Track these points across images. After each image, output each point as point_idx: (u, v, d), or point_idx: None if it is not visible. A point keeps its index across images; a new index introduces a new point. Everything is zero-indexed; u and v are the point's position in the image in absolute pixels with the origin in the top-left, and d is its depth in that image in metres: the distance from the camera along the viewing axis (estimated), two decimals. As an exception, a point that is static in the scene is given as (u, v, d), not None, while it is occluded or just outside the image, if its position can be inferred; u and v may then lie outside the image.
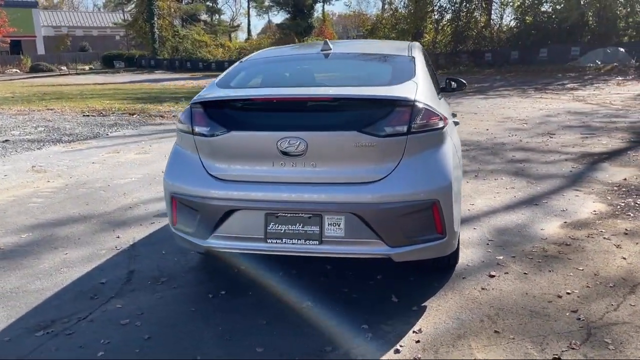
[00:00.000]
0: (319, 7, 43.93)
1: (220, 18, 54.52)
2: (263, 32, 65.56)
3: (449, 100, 6.48)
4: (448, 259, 3.45)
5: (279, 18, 69.01)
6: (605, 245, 4.00)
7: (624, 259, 3.75)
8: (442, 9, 31.77)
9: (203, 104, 3.19)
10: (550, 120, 10.35)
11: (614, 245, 3.99)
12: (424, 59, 3.89)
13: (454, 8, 31.31)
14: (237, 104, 3.20)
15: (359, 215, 2.93)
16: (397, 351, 2.72)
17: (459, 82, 5.05)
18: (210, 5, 51.26)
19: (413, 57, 3.69)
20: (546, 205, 5.03)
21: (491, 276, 3.54)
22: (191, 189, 3.17)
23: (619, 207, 4.86)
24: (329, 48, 3.84)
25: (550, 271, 3.59)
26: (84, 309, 3.25)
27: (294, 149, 2.96)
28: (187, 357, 2.73)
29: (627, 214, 4.66)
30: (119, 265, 3.91)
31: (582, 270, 3.58)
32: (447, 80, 5.05)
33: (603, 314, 3.00)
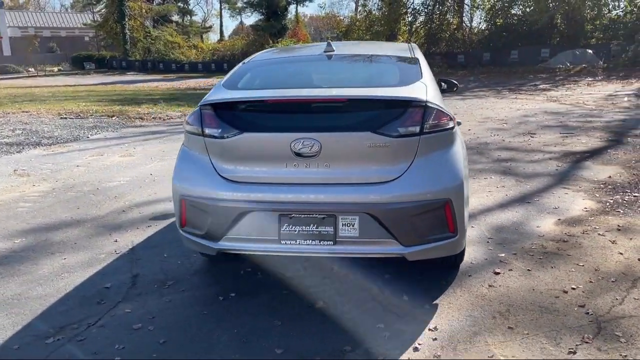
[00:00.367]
0: (292, 9, 43.91)
1: (192, 19, 53.96)
2: (235, 34, 65.17)
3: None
4: (455, 257, 3.50)
5: (252, 19, 68.82)
6: (601, 241, 4.12)
7: (621, 254, 3.86)
8: (416, 11, 32.11)
9: (214, 106, 3.17)
10: (529, 120, 10.57)
11: (610, 241, 4.11)
12: (425, 60, 3.94)
13: (427, 10, 31.69)
14: (250, 106, 3.19)
15: (374, 215, 2.95)
16: (416, 349, 2.75)
17: (450, 83, 5.04)
18: (182, 6, 50.71)
19: (416, 58, 3.74)
20: (538, 203, 5.14)
21: (496, 273, 3.60)
22: (202, 191, 3.15)
23: (608, 204, 5.00)
24: (332, 49, 3.86)
25: (553, 267, 3.67)
26: (92, 315, 3.20)
27: (308, 150, 2.96)
28: (206, 361, 2.72)
29: (617, 211, 4.80)
30: (121, 270, 3.85)
31: (583, 266, 3.68)
32: (438, 81, 5.09)
33: (610, 308, 3.09)
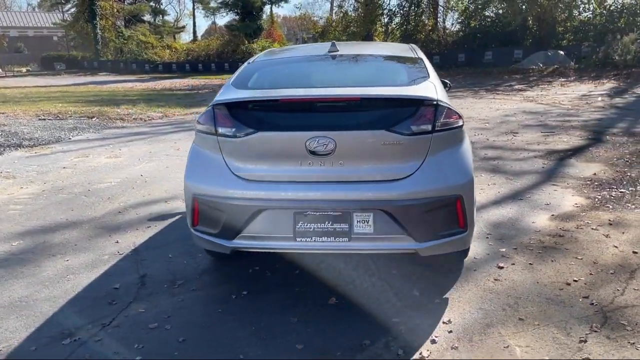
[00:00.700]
0: (267, 9, 43.84)
1: (164, 19, 53.38)
2: (207, 34, 64.68)
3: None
4: (461, 252, 3.59)
5: (226, 19, 68.33)
6: (595, 235, 4.26)
7: (616, 247, 4.00)
8: (392, 12, 32.43)
9: (228, 105, 3.19)
10: (510, 120, 10.80)
11: (603, 235, 4.26)
12: (428, 60, 4.03)
13: (403, 12, 32.02)
14: (265, 105, 3.21)
15: (388, 211, 3.02)
16: (434, 341, 2.82)
17: (443, 83, 5.15)
18: (155, 5, 50.14)
19: (421, 59, 3.82)
20: (530, 199, 5.28)
21: (500, 267, 3.70)
22: (216, 190, 3.17)
23: (597, 200, 5.17)
24: (337, 49, 3.92)
25: (553, 261, 3.79)
26: (105, 315, 3.18)
27: (323, 148, 3.01)
28: (227, 358, 2.74)
29: (607, 206, 4.97)
30: (127, 271, 3.84)
31: (581, 259, 3.81)
32: None
33: (612, 299, 3.22)
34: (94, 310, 3.26)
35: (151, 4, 49.49)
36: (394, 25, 32.59)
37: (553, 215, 4.78)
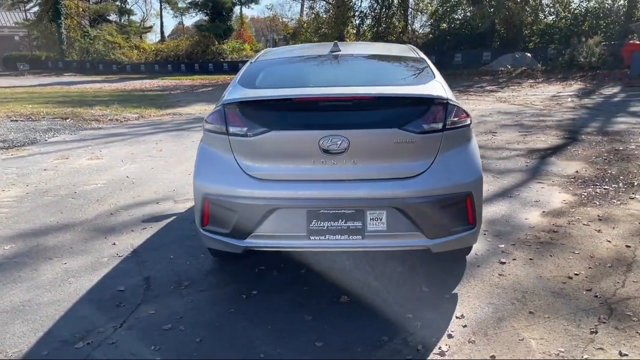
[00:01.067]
0: (237, 10, 43.56)
1: (131, 19, 52.43)
2: (174, 34, 63.82)
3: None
4: (464, 249, 3.65)
5: (194, 19, 67.58)
6: (588, 230, 4.39)
7: (609, 241, 4.14)
8: (363, 14, 32.66)
9: (239, 104, 3.17)
10: (487, 120, 11.01)
11: (595, 230, 4.39)
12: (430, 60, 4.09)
13: (374, 14, 32.28)
14: (277, 104, 3.21)
15: (401, 209, 3.05)
16: (450, 336, 2.87)
17: None
18: (121, 5, 49.21)
19: (423, 59, 3.88)
20: (519, 197, 5.41)
21: (502, 263, 3.79)
22: (228, 190, 3.15)
23: (583, 197, 5.33)
24: (339, 49, 3.94)
25: (552, 256, 3.90)
26: (115, 318, 3.13)
27: (336, 147, 3.03)
28: (248, 357, 2.73)
29: (594, 202, 5.13)
30: (130, 272, 3.77)
31: (578, 253, 3.92)
32: None
33: (614, 291, 3.33)
34: (101, 312, 3.20)
35: (117, 3, 48.55)
36: (366, 27, 32.82)
37: (544, 211, 4.91)
